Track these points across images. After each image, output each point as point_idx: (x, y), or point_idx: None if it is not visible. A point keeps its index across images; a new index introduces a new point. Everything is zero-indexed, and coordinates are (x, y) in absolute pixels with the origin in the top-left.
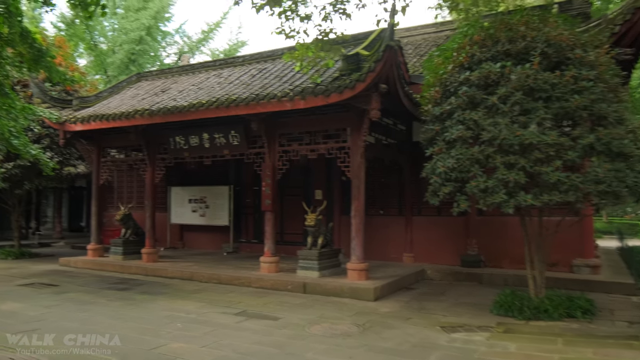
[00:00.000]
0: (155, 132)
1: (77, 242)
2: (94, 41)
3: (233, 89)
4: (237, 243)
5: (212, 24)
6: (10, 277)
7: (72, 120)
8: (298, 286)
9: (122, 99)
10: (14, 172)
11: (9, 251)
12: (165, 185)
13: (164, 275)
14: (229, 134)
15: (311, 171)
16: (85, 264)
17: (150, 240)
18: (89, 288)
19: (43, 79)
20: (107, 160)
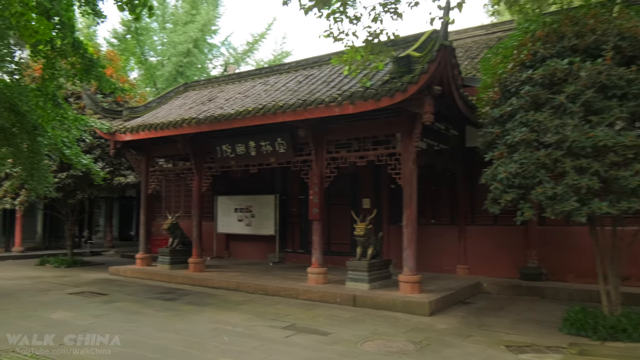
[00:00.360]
0: (202, 140)
1: (127, 250)
2: (144, 55)
3: (280, 95)
4: (283, 253)
5: (256, 35)
6: (62, 286)
7: (121, 130)
8: (347, 299)
9: (170, 108)
10: (67, 182)
11: (62, 259)
12: (212, 195)
13: (210, 285)
14: (275, 142)
15: (358, 179)
16: (134, 273)
17: (197, 249)
18: (136, 297)
19: (95, 90)
20: (156, 170)
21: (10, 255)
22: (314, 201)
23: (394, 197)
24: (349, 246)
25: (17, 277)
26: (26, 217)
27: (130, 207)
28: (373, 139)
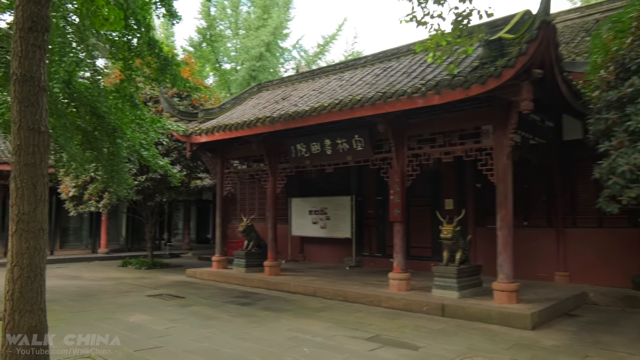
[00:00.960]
0: (276, 140)
1: (204, 253)
2: (219, 62)
3: (356, 89)
4: (360, 257)
5: (327, 37)
6: (141, 287)
7: (197, 132)
8: (435, 308)
9: (244, 109)
10: (146, 184)
11: (143, 261)
12: (286, 197)
13: (286, 289)
14: (352, 139)
15: (439, 178)
16: (210, 276)
17: (272, 252)
18: (212, 301)
19: (172, 94)
20: (230, 172)
21: (96, 256)
22: (394, 201)
23: (480, 196)
24: (430, 250)
25: (100, 278)
26: (111, 220)
27: (207, 210)
28: (460, 132)
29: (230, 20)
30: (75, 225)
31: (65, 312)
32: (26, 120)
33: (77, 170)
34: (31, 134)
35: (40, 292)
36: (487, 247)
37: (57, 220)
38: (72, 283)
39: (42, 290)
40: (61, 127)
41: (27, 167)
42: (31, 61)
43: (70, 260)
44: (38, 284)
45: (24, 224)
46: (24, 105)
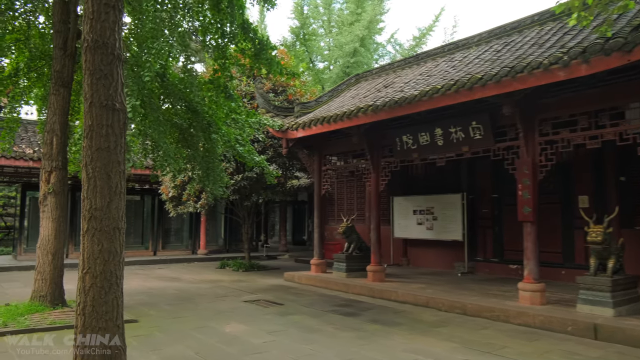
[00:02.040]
0: (379, 132)
1: (300, 255)
2: (312, 61)
3: (473, 69)
4: (472, 262)
5: (423, 29)
6: (238, 291)
7: (293, 127)
8: (584, 328)
9: (342, 101)
10: (242, 184)
11: (240, 263)
12: (387, 195)
13: (393, 298)
14: (468, 126)
15: (571, 171)
16: (309, 280)
17: (375, 256)
18: (313, 310)
19: (267, 89)
20: (328, 169)
21: (195, 257)
22: (523, 198)
23: (625, 192)
24: (560, 255)
25: (198, 280)
26: (210, 221)
27: (302, 211)
28: (610, 111)
29: (323, 19)
30: (177, 226)
31: (161, 318)
32: (98, 96)
33: (172, 167)
34: (104, 112)
35: (117, 306)
36: (637, 253)
37: (159, 221)
38: (171, 285)
39: (118, 303)
40: (154, 120)
41: (99, 153)
42: (104, 24)
43: (171, 261)
44: (114, 296)
45: (96, 221)
46: (95, 78)
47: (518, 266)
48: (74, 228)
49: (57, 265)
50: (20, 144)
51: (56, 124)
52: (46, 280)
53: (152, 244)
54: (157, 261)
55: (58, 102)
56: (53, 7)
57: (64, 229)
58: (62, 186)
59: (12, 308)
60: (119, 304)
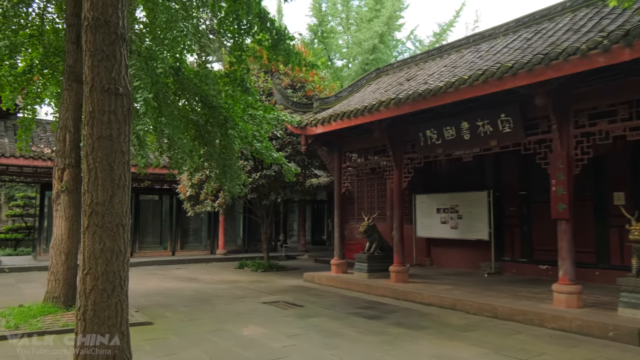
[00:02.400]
0: (401, 126)
1: (320, 255)
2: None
3: (502, 58)
4: (499, 262)
5: (444, 25)
6: (257, 292)
7: (312, 123)
8: (627, 334)
9: (362, 96)
10: (260, 182)
11: (259, 263)
12: (409, 194)
13: (418, 300)
14: (497, 119)
15: (603, 166)
16: (329, 281)
17: (398, 256)
18: (334, 312)
19: (286, 85)
20: (349, 166)
21: (214, 257)
22: (558, 194)
23: None
24: (593, 255)
25: (216, 281)
26: (228, 221)
27: (321, 210)
28: None
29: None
30: (195, 226)
31: (177, 321)
32: (100, 79)
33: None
34: (106, 97)
35: (121, 310)
36: None
37: (178, 221)
38: (188, 286)
39: (122, 307)
40: (169, 115)
41: (101, 142)
42: (105, 1)
43: (190, 261)
44: (117, 299)
45: (97, 217)
46: (97, 59)
47: (549, 267)
48: None
49: (71, 266)
50: (39, 144)
51: (69, 120)
52: (59, 281)
53: (171, 244)
54: (175, 261)
55: (71, 98)
56: (65, 0)
57: (78, 228)
58: (75, 184)
59: (25, 310)
60: (123, 309)
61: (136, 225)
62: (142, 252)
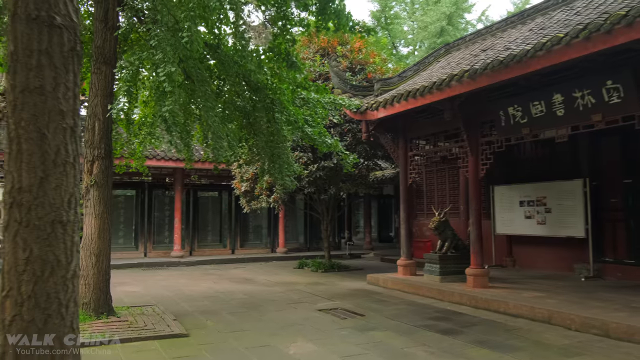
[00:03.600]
0: (477, 105)
1: (386, 254)
2: (395, 46)
3: (608, 9)
4: (598, 263)
5: (519, 3)
6: (314, 297)
7: (373, 107)
8: None
9: (430, 74)
10: (318, 174)
11: (320, 263)
12: (486, 184)
13: (502, 310)
14: (601, 88)
15: None
16: (395, 284)
17: (477, 256)
18: (400, 324)
19: (344, 68)
20: (415, 155)
21: (274, 256)
22: None
23: None
24: None
25: (272, 283)
26: (289, 218)
27: (388, 206)
28: None
29: (406, 1)
30: (256, 223)
31: (216, 333)
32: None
33: (225, 153)
34: (35, 30)
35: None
36: None
37: (237, 218)
38: (241, 288)
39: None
40: (202, 94)
41: (26, 97)
42: None
43: (249, 260)
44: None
45: (21, 210)
46: None
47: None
48: (151, 223)
49: (102, 268)
50: None
51: (98, 106)
52: (89, 285)
53: (230, 242)
54: (234, 260)
55: (100, 82)
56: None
57: (109, 227)
58: (105, 177)
59: None
60: (65, 354)
61: (195, 223)
62: (201, 250)
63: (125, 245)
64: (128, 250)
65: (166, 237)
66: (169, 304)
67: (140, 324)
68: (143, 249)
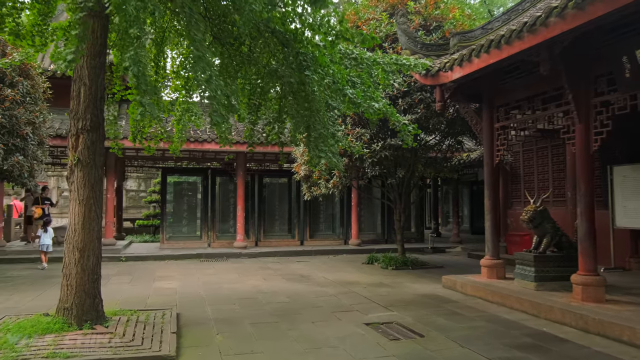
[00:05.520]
0: (586, 51)
1: (476, 248)
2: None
3: None
4: None
5: None
6: (369, 304)
7: (446, 66)
8: None
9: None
10: (383, 154)
11: (391, 258)
12: (602, 164)
13: (625, 338)
14: None
15: None
16: (476, 290)
17: (587, 258)
18: (470, 353)
19: (416, 27)
20: (503, 126)
21: (345, 248)
22: None
23: None
24: None
25: (329, 282)
26: (364, 206)
27: (481, 193)
28: None
29: None
30: (327, 212)
31: (216, 354)
32: None
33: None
34: None
35: None
36: None
37: (308, 206)
38: (289, 288)
39: None
40: (197, 42)
41: None
42: None
43: (317, 253)
44: None
45: None
46: None
47: None
48: (215, 210)
49: (88, 266)
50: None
51: (84, 68)
52: (71, 287)
53: (299, 233)
54: (300, 253)
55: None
56: None
57: (97, 216)
58: (92, 154)
59: (27, 324)
60: None
61: (261, 211)
62: (268, 241)
63: (189, 234)
64: (192, 239)
65: (231, 226)
66: (191, 307)
67: (127, 338)
68: (207, 238)
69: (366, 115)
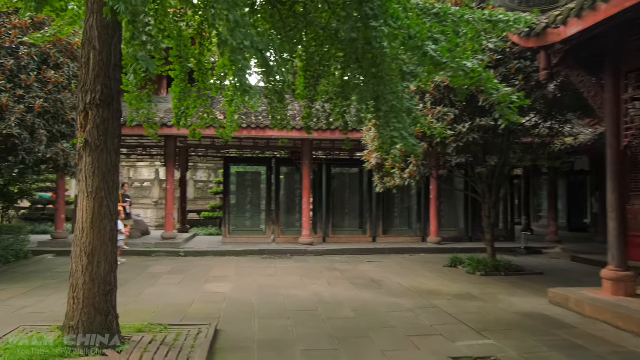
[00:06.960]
0: None
1: (580, 250)
2: None
3: None
4: None
5: None
6: (456, 325)
7: (558, 20)
8: None
9: None
10: (470, 137)
11: (479, 261)
12: None
13: None
14: None
15: None
16: (598, 312)
17: None
18: None
19: None
20: (634, 98)
21: (423, 247)
22: None
23: None
24: None
25: (404, 290)
26: (444, 199)
27: (581, 185)
28: None
29: None
30: (403, 205)
31: None
32: None
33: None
34: None
35: None
36: None
37: (381, 199)
38: (356, 297)
39: None
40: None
41: None
42: None
43: (390, 251)
44: None
45: None
46: None
47: None
48: (279, 203)
49: (98, 275)
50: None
51: (93, 29)
52: (79, 299)
53: (371, 229)
54: (372, 251)
55: None
56: None
57: (111, 212)
58: (102, 135)
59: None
60: None
61: (329, 204)
62: (336, 237)
63: (253, 228)
64: (255, 233)
65: (297, 220)
66: (236, 321)
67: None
68: (271, 233)
69: (453, 83)
